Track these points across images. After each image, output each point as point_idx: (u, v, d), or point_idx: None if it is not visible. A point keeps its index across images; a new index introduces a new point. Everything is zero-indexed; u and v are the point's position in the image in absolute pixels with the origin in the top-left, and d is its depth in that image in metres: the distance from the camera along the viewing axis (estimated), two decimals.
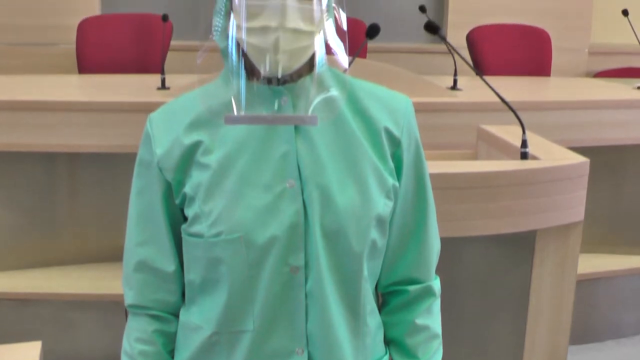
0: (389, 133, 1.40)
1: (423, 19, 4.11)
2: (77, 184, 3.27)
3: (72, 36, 4.52)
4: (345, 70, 1.37)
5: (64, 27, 4.87)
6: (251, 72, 1.33)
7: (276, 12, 1.24)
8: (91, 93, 3.67)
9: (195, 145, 1.36)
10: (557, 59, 4.96)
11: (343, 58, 1.33)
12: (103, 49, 4.47)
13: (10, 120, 3.08)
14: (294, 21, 1.25)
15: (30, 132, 3.08)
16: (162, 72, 3.51)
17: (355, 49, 2.99)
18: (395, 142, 1.41)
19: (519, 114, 2.38)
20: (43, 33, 5.01)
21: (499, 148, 2.47)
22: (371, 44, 3.26)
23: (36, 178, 3.25)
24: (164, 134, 1.38)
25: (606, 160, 3.50)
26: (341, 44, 1.32)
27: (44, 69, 4.78)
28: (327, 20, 1.31)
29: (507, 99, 2.44)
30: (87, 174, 3.27)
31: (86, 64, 4.43)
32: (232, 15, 1.29)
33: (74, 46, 4.51)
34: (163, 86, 3.48)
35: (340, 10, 1.35)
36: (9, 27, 4.99)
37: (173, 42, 4.46)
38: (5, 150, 3.11)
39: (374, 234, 1.37)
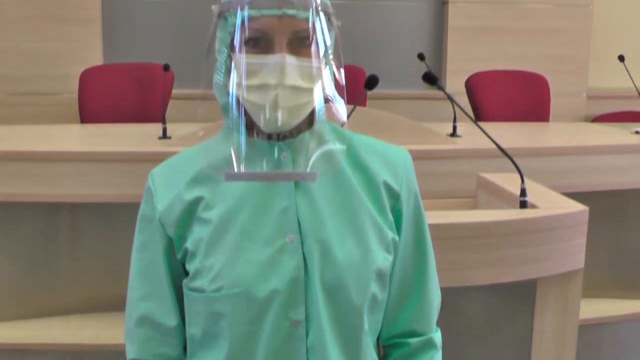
0: (388, 187, 1.42)
1: (422, 65, 4.17)
2: (78, 234, 3.27)
3: (75, 85, 4.56)
4: (343, 124, 1.38)
5: (66, 76, 4.92)
6: (251, 127, 1.35)
7: (275, 69, 1.27)
8: (93, 143, 3.69)
9: (197, 201, 1.38)
10: (556, 104, 5.00)
11: (342, 113, 1.35)
12: (105, 98, 4.50)
13: (11, 170, 3.08)
14: (293, 78, 1.27)
15: (32, 183, 3.09)
16: (163, 121, 3.53)
17: (356, 97, 3.01)
18: (394, 196, 1.42)
19: (519, 160, 2.39)
20: (45, 83, 5.06)
21: (499, 196, 2.48)
22: (371, 91, 3.28)
23: (37, 228, 3.25)
24: (166, 190, 1.40)
25: (606, 205, 3.50)
26: (340, 99, 1.34)
27: (46, 118, 4.81)
28: (325, 76, 1.33)
29: (506, 145, 2.45)
30: (88, 224, 3.27)
31: (88, 113, 4.46)
32: (232, 73, 1.31)
33: (76, 95, 4.55)
34: (164, 135, 3.49)
35: (339, 66, 1.37)
36: (11, 77, 5.04)
37: (174, 91, 4.50)
38: (6, 201, 3.12)
39: (374, 287, 1.38)
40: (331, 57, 1.35)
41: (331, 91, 1.34)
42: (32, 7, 5.00)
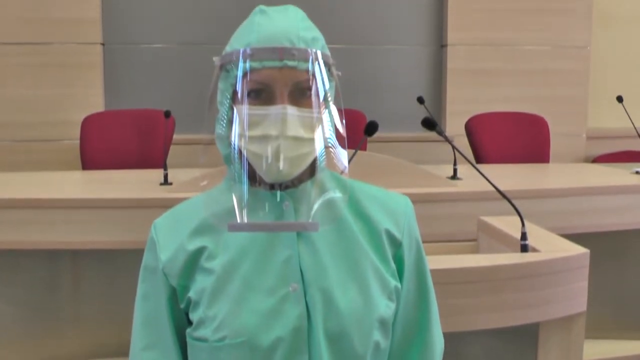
0: (389, 235, 1.43)
1: (422, 107, 4.20)
2: (79, 281, 3.27)
3: (76, 132, 4.59)
4: (342, 172, 1.39)
5: (67, 123, 4.96)
6: (253, 177, 1.36)
7: (277, 121, 1.28)
8: (94, 189, 3.70)
9: (200, 251, 1.38)
10: (556, 145, 5.02)
11: (343, 161, 1.36)
12: (106, 144, 4.52)
13: (12, 217, 3.09)
14: (294, 129, 1.29)
15: (33, 230, 3.10)
16: (164, 167, 3.54)
17: (356, 141, 3.03)
18: (396, 244, 1.43)
19: (520, 201, 2.39)
20: (47, 129, 5.09)
21: (500, 240, 2.48)
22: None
23: (39, 275, 3.25)
24: (169, 240, 1.41)
25: (607, 246, 3.50)
26: (342, 150, 1.35)
27: (48, 165, 4.84)
28: (326, 126, 1.34)
29: (506, 187, 2.46)
30: (89, 271, 3.27)
31: (89, 160, 4.48)
32: (234, 124, 1.33)
33: (77, 142, 4.57)
34: (166, 182, 3.50)
35: (340, 115, 1.38)
36: (12, 124, 5.07)
37: (176, 136, 4.52)
38: (7, 248, 3.12)
39: (377, 335, 1.38)
40: (332, 106, 1.37)
41: (332, 140, 1.35)
42: (34, 53, 5.05)
